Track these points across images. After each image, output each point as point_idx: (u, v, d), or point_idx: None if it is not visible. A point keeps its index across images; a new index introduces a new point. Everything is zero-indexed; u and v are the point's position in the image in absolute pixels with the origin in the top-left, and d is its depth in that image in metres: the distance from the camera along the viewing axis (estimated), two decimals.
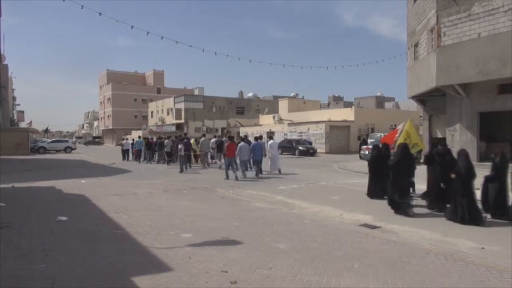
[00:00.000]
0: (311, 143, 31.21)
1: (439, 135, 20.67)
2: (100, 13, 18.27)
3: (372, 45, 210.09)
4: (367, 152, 21.76)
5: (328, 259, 4.88)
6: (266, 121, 43.45)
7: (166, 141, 22.02)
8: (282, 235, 6.07)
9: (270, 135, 19.74)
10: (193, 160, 19.87)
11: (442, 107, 19.28)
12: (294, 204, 9.06)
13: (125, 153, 25.86)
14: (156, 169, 19.09)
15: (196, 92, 60.87)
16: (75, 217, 7.34)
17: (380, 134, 30.89)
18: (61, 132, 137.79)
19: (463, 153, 7.33)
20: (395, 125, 36.69)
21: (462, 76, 16.05)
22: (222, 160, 17.53)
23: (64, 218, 7.12)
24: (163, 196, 10.16)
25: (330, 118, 35.39)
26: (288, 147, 30.72)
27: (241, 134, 37.62)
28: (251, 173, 15.38)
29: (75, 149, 40.94)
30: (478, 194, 7.31)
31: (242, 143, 15.52)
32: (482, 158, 16.33)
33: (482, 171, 7.81)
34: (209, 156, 20.28)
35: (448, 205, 7.42)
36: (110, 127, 76.00)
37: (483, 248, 5.51)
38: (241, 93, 63.93)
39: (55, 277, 4.18)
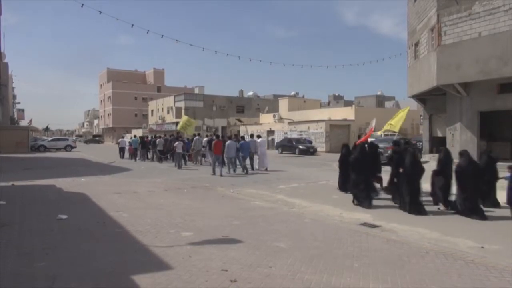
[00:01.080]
0: (311, 142, 31.20)
1: (439, 134, 20.67)
2: (100, 12, 18.26)
3: (373, 44, 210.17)
4: None
5: (328, 258, 4.88)
6: (267, 120, 43.44)
7: (158, 140, 23.06)
8: (282, 234, 6.08)
9: (259, 134, 20.73)
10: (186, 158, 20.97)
11: (443, 106, 19.27)
12: (294, 203, 9.06)
13: (121, 151, 26.82)
14: (156, 168, 19.09)
15: (197, 91, 60.86)
16: (76, 215, 7.34)
17: (380, 133, 30.89)
18: (61, 131, 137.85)
19: (409, 152, 8.28)
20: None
21: (463, 75, 16.04)
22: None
23: (64, 217, 7.12)
24: (164, 194, 10.17)
25: (330, 117, 35.39)
26: (288, 146, 30.72)
27: (242, 133, 37.66)
28: (239, 169, 16.11)
29: (75, 147, 40.92)
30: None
31: (229, 141, 16.22)
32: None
33: None
34: (202, 154, 20.90)
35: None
36: (110, 126, 76.02)
37: (482, 247, 5.52)
38: (241, 92, 63.97)
39: (55, 275, 4.19)
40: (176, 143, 19.13)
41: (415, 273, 4.34)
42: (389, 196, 8.91)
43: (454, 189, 8.05)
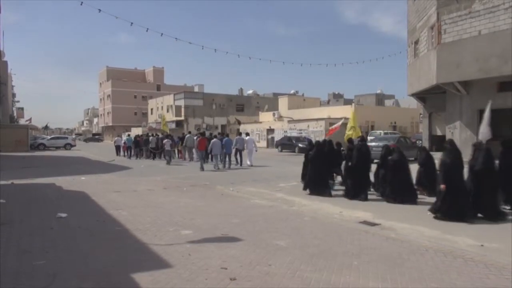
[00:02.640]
0: (310, 141, 31.17)
1: (439, 133, 20.68)
2: (99, 10, 18.26)
3: (373, 42, 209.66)
4: None
5: (328, 256, 4.89)
6: (266, 118, 43.40)
7: (151, 138, 24.66)
8: (281, 232, 6.08)
9: (247, 132, 22.04)
10: (176, 155, 23.24)
11: (442, 104, 19.28)
12: (294, 201, 9.07)
13: (117, 149, 28.40)
14: (156, 166, 19.11)
15: (196, 89, 60.92)
16: (75, 214, 7.34)
17: (380, 131, 30.94)
18: (61, 129, 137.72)
19: (357, 147, 9.68)
20: (394, 123, 36.90)
21: (463, 73, 16.05)
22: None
23: (64, 215, 7.12)
24: (163, 193, 10.17)
25: (330, 116, 35.35)
26: (288, 144, 30.73)
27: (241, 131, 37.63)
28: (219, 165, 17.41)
29: (74, 146, 40.89)
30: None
31: (214, 139, 17.65)
32: None
33: None
34: (193, 151, 21.68)
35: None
36: (110, 124, 76.01)
37: (482, 245, 5.52)
38: (241, 90, 64.00)
39: (55, 273, 4.19)
40: (165, 140, 21.03)
41: (415, 271, 4.34)
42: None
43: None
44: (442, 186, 7.07)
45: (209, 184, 11.98)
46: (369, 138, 27.45)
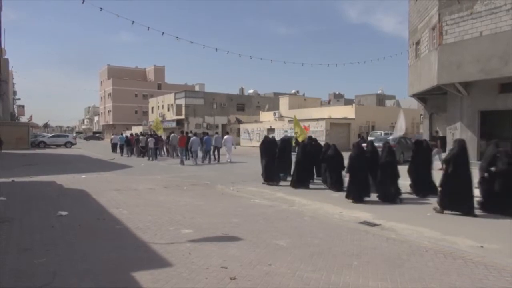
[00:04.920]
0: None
1: (440, 134, 20.67)
2: (101, 8, 18.26)
3: (375, 42, 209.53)
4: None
5: (328, 256, 4.89)
6: (267, 118, 43.35)
7: (141, 137, 25.91)
8: (282, 231, 6.09)
9: (227, 131, 23.76)
10: (164, 152, 25.49)
11: (443, 105, 19.27)
12: (294, 201, 9.08)
13: (113, 146, 30.13)
14: (156, 165, 19.13)
15: (197, 88, 60.80)
16: (76, 212, 7.35)
17: (381, 132, 30.92)
18: (61, 127, 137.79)
19: (302, 145, 11.91)
20: (395, 123, 36.82)
21: (464, 74, 16.02)
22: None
23: (64, 213, 7.13)
24: (164, 192, 10.18)
25: (331, 116, 35.33)
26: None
27: (243, 131, 37.65)
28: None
29: (75, 144, 40.94)
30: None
31: (193, 137, 19.88)
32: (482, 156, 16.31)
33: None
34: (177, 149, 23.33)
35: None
36: (111, 123, 75.96)
37: (482, 246, 5.52)
38: (241, 89, 63.87)
39: (55, 271, 4.19)
40: (149, 139, 22.72)
41: (415, 272, 4.35)
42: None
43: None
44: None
45: (210, 183, 11.99)
46: (369, 138, 27.50)
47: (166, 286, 3.87)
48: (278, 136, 36.00)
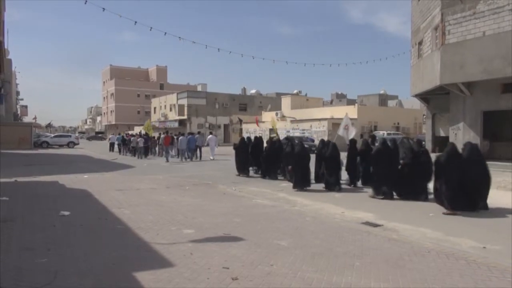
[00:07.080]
0: (313, 141, 31.17)
1: (442, 134, 20.61)
2: (103, 9, 18.29)
3: (378, 42, 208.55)
4: None
5: (329, 256, 4.88)
6: (269, 118, 43.37)
7: (132, 138, 27.12)
8: (283, 232, 6.08)
9: (211, 131, 27.31)
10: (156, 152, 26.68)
11: (446, 105, 19.22)
12: (295, 201, 9.06)
13: (111, 145, 32.16)
14: (158, 165, 19.16)
15: (199, 88, 60.84)
16: (78, 211, 7.36)
17: (383, 132, 30.88)
18: (64, 127, 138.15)
19: (288, 145, 12.48)
20: (398, 123, 36.81)
21: (466, 74, 15.98)
22: (173, 151, 23.55)
23: (66, 213, 7.15)
24: (165, 191, 10.19)
25: (333, 116, 35.28)
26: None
27: (244, 131, 37.64)
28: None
29: (78, 144, 41.01)
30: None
31: (181, 137, 21.99)
32: (485, 156, 16.25)
33: None
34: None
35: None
36: (113, 123, 76.15)
37: (484, 247, 5.50)
38: (244, 89, 63.89)
39: (57, 271, 4.20)
40: (139, 139, 24.41)
41: (417, 273, 4.33)
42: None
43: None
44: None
45: (212, 183, 11.99)
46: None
47: (168, 286, 3.87)
48: (280, 135, 36.05)
